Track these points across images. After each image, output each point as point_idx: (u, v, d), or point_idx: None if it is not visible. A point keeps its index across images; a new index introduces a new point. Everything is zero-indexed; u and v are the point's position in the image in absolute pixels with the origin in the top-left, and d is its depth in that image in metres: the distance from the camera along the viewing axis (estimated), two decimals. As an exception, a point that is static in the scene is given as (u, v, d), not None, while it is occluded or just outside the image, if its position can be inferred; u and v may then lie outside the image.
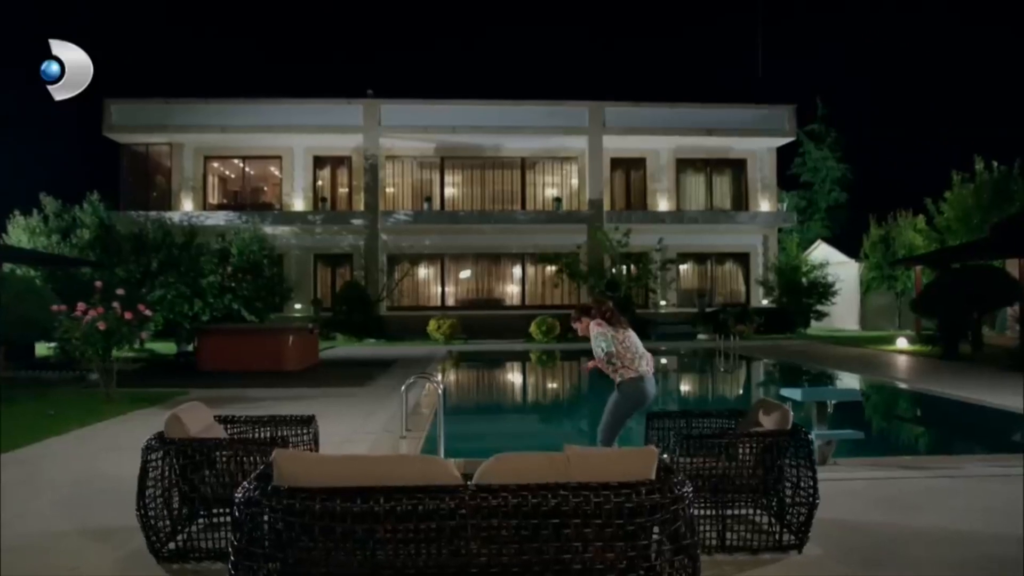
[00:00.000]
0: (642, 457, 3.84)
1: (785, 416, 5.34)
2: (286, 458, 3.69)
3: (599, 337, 6.72)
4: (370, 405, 12.57)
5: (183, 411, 5.28)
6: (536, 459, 3.85)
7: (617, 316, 6.82)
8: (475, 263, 33.13)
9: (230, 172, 34.27)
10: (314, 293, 31.86)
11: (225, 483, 4.84)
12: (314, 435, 5.99)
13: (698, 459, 5.11)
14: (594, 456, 3.85)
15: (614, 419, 6.64)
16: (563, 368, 24.20)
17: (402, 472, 3.70)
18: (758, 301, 33.19)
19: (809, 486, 5.09)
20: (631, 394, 6.56)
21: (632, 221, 31.47)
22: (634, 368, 6.56)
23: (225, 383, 15.13)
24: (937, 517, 6.02)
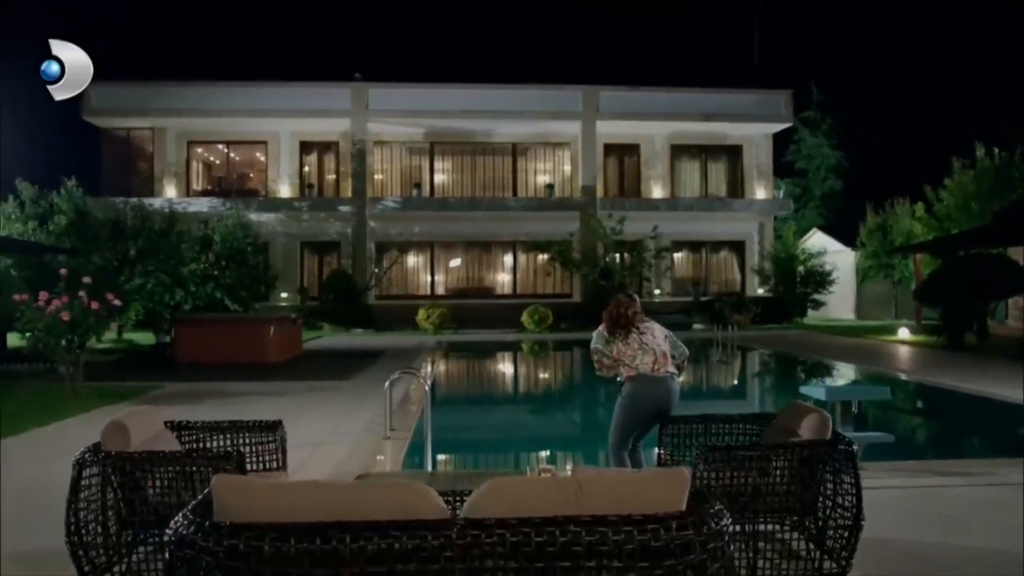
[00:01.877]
0: (670, 481, 3.13)
1: (824, 423, 4.65)
2: (228, 486, 2.97)
3: (596, 333, 6.31)
4: (354, 401, 11.85)
5: (127, 417, 4.56)
6: (539, 485, 3.14)
7: (622, 320, 6.16)
8: (465, 251, 32.38)
9: (214, 157, 33.41)
10: (300, 282, 31.07)
11: (172, 504, 4.11)
12: (281, 443, 5.27)
13: (724, 473, 4.41)
14: (611, 481, 3.14)
15: (616, 425, 6.04)
16: (556, 359, 23.52)
17: (374, 502, 2.99)
18: (753, 290, 32.55)
19: (852, 504, 4.40)
20: (628, 395, 5.99)
21: (626, 208, 30.71)
22: (632, 366, 5.99)
23: (203, 376, 14.38)
24: (986, 536, 5.35)
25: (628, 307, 6.23)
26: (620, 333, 6.08)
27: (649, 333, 6.14)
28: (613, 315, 6.19)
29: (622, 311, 6.18)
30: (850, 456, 4.46)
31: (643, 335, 6.10)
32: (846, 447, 4.47)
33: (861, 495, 4.43)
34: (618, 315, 6.17)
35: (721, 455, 4.38)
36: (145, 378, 14.07)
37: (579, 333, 26.68)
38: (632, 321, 6.13)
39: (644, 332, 6.13)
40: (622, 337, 6.08)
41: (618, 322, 6.16)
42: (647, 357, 5.99)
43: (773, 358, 20.61)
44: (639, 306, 6.31)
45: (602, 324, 6.27)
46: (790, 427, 4.88)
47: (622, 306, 6.21)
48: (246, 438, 5.21)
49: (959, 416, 12.32)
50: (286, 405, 11.48)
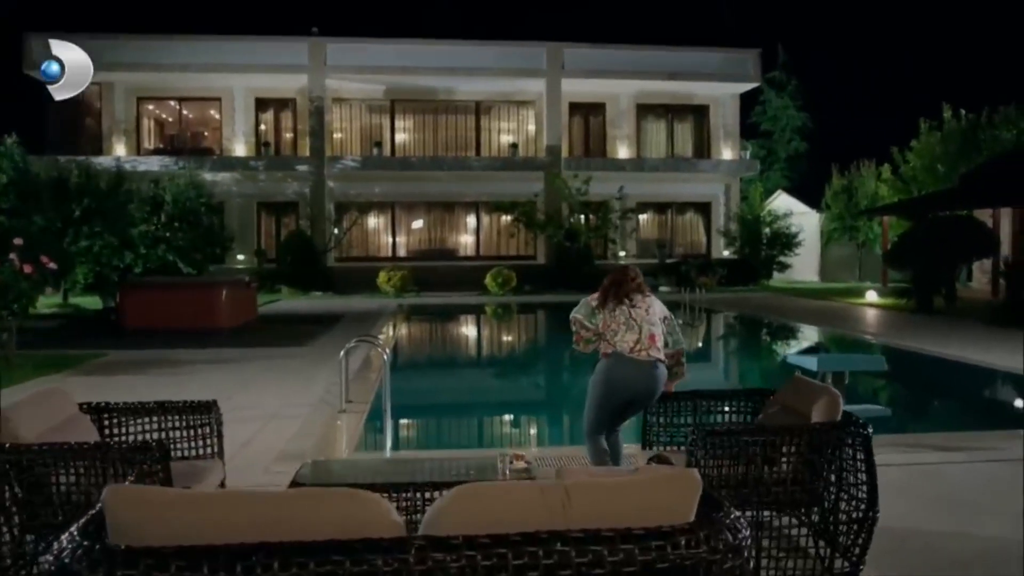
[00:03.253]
0: (677, 486, 2.57)
1: (834, 402, 4.12)
2: (124, 499, 2.36)
3: (581, 302, 5.50)
4: (309, 369, 11.21)
5: (32, 400, 3.91)
6: (518, 492, 2.57)
7: (620, 290, 5.29)
8: (427, 212, 31.63)
9: (166, 115, 32.19)
10: (257, 243, 30.15)
11: (80, 504, 3.49)
12: (216, 426, 4.65)
13: (724, 461, 3.87)
14: (605, 487, 2.57)
15: (588, 407, 5.29)
16: (521, 322, 23.01)
17: (311, 518, 2.40)
18: (719, 252, 32.23)
19: (866, 496, 3.89)
20: (599, 374, 5.20)
21: (591, 168, 30.10)
22: (612, 342, 5.13)
23: (149, 343, 13.61)
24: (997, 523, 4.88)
25: (634, 279, 5.36)
26: (610, 304, 5.24)
27: (643, 308, 5.24)
28: (612, 282, 5.35)
29: (623, 279, 5.32)
30: (865, 441, 3.94)
31: (634, 308, 5.20)
32: (860, 430, 3.95)
33: (876, 485, 3.93)
34: (617, 283, 5.32)
35: (721, 441, 3.84)
36: (88, 346, 13.27)
37: (544, 296, 26.22)
38: (627, 292, 5.27)
39: (636, 306, 5.23)
40: (610, 309, 5.23)
41: (614, 291, 5.30)
42: (629, 335, 5.09)
43: (746, 322, 20.24)
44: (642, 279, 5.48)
45: (594, 293, 5.45)
46: (793, 406, 4.36)
47: (626, 276, 5.37)
48: (176, 421, 4.58)
49: (946, 384, 11.90)
50: (236, 375, 10.83)
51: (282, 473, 5.79)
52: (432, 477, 4.16)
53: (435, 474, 4.22)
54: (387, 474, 4.21)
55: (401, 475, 4.20)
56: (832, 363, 6.55)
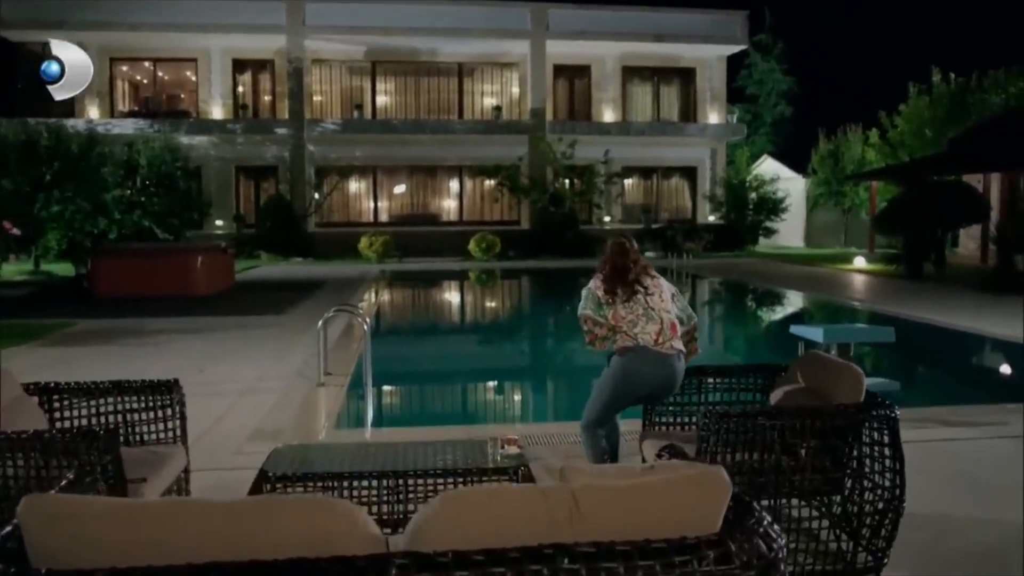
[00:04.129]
0: (702, 490, 2.21)
1: (856, 380, 3.76)
2: (44, 512, 1.97)
3: (584, 290, 4.75)
4: (287, 339, 10.80)
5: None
6: (516, 498, 2.20)
7: (626, 274, 4.60)
8: (410, 176, 31.08)
9: (141, 76, 31.32)
10: (236, 208, 29.53)
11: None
12: (179, 407, 4.24)
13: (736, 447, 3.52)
14: (618, 491, 2.20)
15: (597, 401, 4.63)
16: (507, 288, 22.65)
17: (273, 531, 2.02)
18: (704, 217, 31.88)
19: (892, 484, 3.56)
20: (620, 371, 4.50)
21: (576, 132, 29.60)
22: (631, 335, 4.46)
23: (122, 312, 13.14)
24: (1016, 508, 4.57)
25: (634, 257, 4.67)
26: (622, 293, 4.53)
27: (657, 294, 4.60)
28: (615, 267, 4.60)
29: (627, 262, 4.61)
30: (891, 423, 3.60)
31: (650, 296, 4.56)
32: (887, 412, 3.60)
33: (904, 472, 3.59)
34: (622, 267, 4.59)
35: (736, 425, 3.48)
36: (57, 315, 12.78)
37: (528, 261, 25.84)
38: (639, 277, 4.60)
39: (651, 292, 4.58)
40: (623, 299, 4.53)
41: (621, 277, 4.58)
42: (651, 326, 4.46)
43: (736, 289, 19.92)
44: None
45: (594, 279, 4.71)
46: (810, 384, 4.01)
47: (627, 255, 4.64)
48: (133, 402, 4.18)
49: (945, 354, 11.54)
50: (211, 345, 10.41)
51: (254, 455, 5.39)
52: (416, 464, 3.79)
53: (419, 461, 3.85)
54: (366, 460, 3.84)
55: (381, 461, 3.82)
56: (839, 335, 6.20)
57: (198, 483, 4.62)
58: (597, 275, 4.73)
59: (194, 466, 5.02)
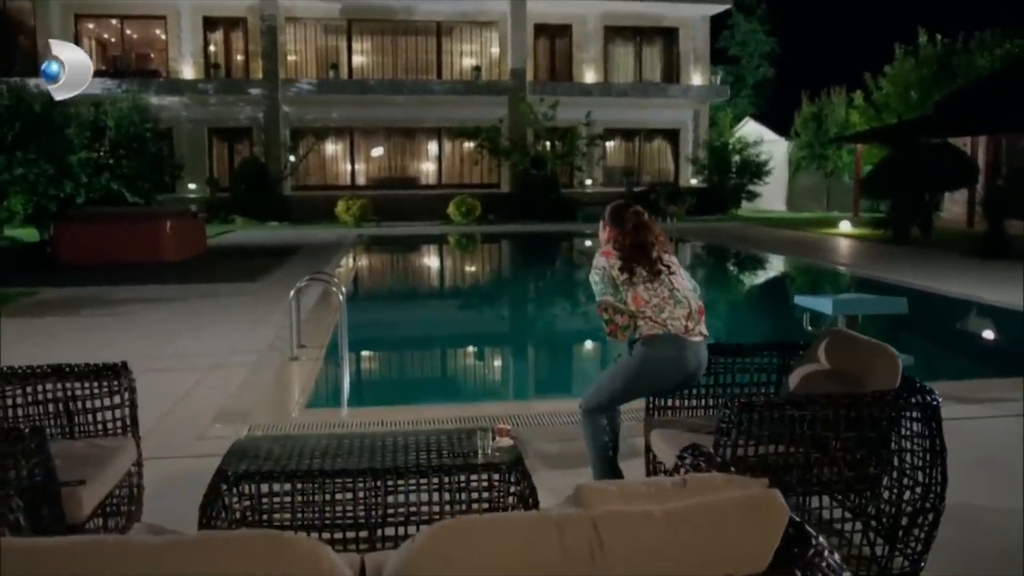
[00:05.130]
0: (751, 515, 1.79)
1: (890, 363, 3.35)
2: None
3: (597, 271, 4.05)
4: (261, 308, 10.30)
5: None
6: (525, 531, 1.76)
7: (645, 248, 4.00)
8: (387, 138, 30.36)
9: (107, 34, 30.29)
10: (209, 171, 28.74)
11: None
12: (128, 396, 3.77)
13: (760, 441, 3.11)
14: (650, 520, 1.77)
15: (609, 388, 4.06)
16: (488, 253, 22.19)
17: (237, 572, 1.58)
18: (687, 180, 31.42)
19: (931, 480, 3.16)
20: (645, 361, 3.92)
21: (557, 93, 28.91)
22: (659, 321, 3.88)
23: (87, 280, 12.58)
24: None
25: (656, 230, 4.06)
26: (642, 272, 3.94)
27: (679, 272, 4.06)
28: (636, 242, 3.98)
29: (648, 236, 4.00)
30: (932, 412, 3.20)
31: (673, 276, 4.00)
32: (928, 399, 3.20)
33: (945, 466, 3.20)
34: (643, 242, 3.98)
35: (761, 417, 3.06)
36: (18, 283, 12.18)
37: (509, 225, 25.35)
38: (660, 254, 4.02)
39: (674, 271, 4.03)
40: (645, 279, 3.93)
41: (642, 254, 3.96)
42: (679, 310, 3.89)
43: (724, 254, 19.49)
44: None
45: (604, 256, 4.04)
46: (835, 366, 3.60)
47: (648, 228, 4.04)
48: (77, 389, 3.70)
49: (947, 323, 11.14)
50: (179, 315, 9.91)
51: (218, 440, 4.96)
52: (396, 459, 3.35)
53: (399, 455, 3.41)
54: (339, 455, 3.39)
55: (357, 457, 3.38)
56: (848, 306, 5.79)
57: (153, 476, 4.17)
58: (608, 251, 4.06)
59: (152, 454, 4.60)
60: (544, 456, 4.84)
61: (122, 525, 3.66)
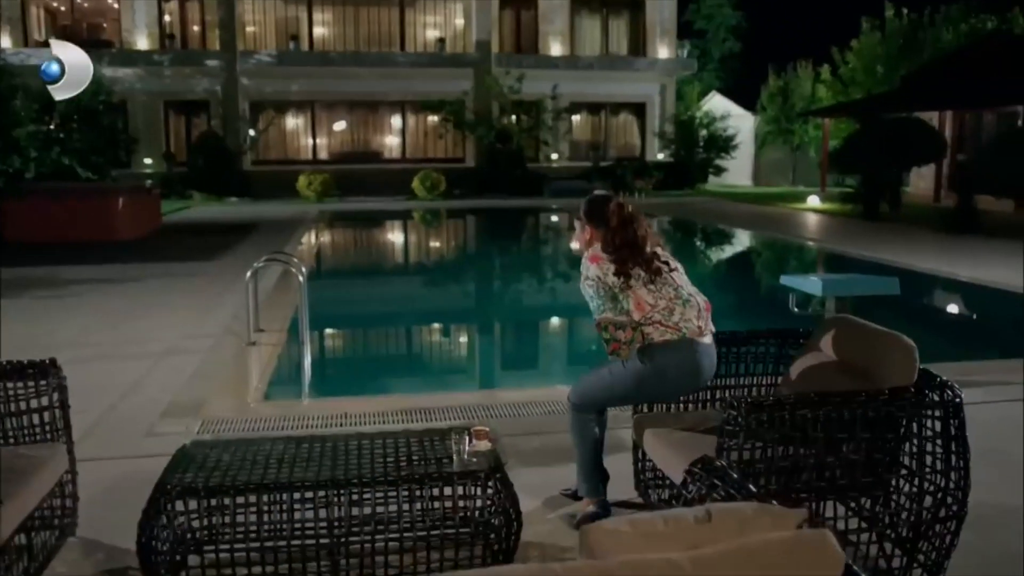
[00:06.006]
0: (800, 561, 1.46)
1: (907, 355, 3.03)
2: None
3: (589, 282, 3.58)
4: (216, 289, 9.82)
5: None
6: None
7: (638, 245, 3.53)
8: (350, 111, 29.71)
9: (57, 3, 29.29)
10: (166, 146, 27.95)
11: None
12: (56, 397, 3.35)
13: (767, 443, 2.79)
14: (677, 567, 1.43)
15: (607, 387, 3.61)
16: (454, 229, 21.78)
17: None
18: (653, 155, 31.15)
19: (952, 485, 2.87)
20: (654, 367, 3.45)
21: (523, 66, 28.43)
22: (671, 325, 3.44)
23: (34, 259, 12.01)
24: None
25: (639, 220, 3.60)
26: (640, 272, 3.48)
27: (678, 268, 3.64)
28: (625, 240, 3.51)
29: (639, 231, 3.55)
30: (953, 409, 2.90)
31: (674, 271, 3.57)
32: (949, 395, 2.90)
33: (968, 468, 2.91)
34: (633, 239, 3.52)
35: (771, 417, 2.74)
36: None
37: (474, 200, 24.94)
38: (655, 249, 3.59)
39: (674, 267, 3.60)
40: (644, 280, 3.48)
41: (635, 252, 3.51)
42: (690, 311, 3.47)
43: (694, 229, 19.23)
44: None
45: (590, 261, 3.58)
46: (843, 357, 3.28)
47: (637, 222, 3.58)
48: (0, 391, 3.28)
49: (928, 300, 10.98)
50: (129, 297, 9.42)
51: (168, 437, 4.57)
52: (361, 467, 3.00)
53: (364, 461, 3.05)
54: (296, 462, 3.03)
55: (316, 464, 3.02)
56: (838, 286, 5.50)
57: (94, 480, 3.79)
58: (597, 256, 3.56)
59: (93, 454, 4.22)
60: (519, 452, 4.49)
61: (52, 543, 3.27)
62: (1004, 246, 13.67)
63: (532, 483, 3.89)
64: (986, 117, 24.21)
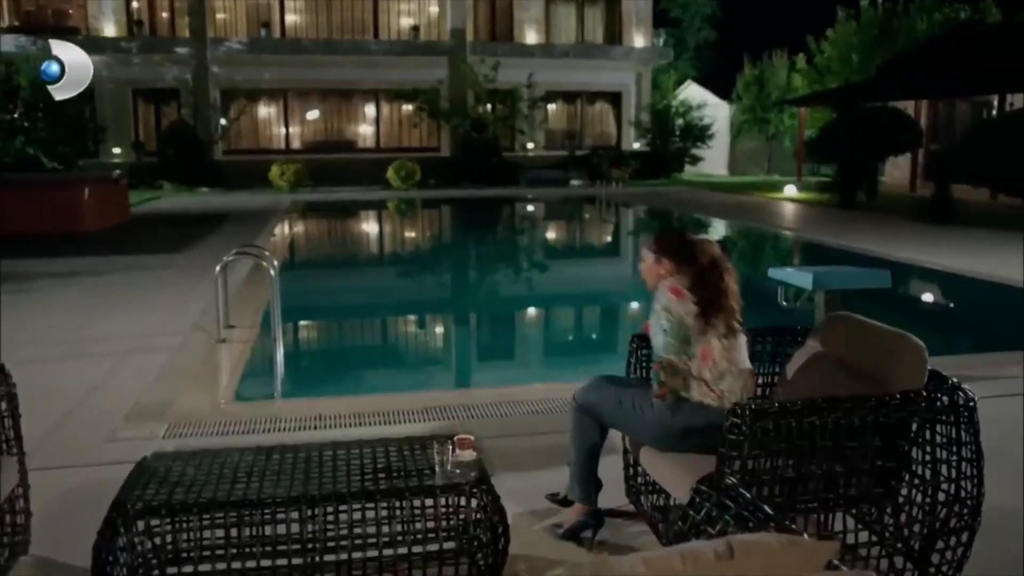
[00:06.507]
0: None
1: (916, 356, 2.86)
2: None
3: (666, 314, 3.19)
4: (186, 283, 9.52)
5: None
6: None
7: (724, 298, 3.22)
8: (323, 100, 29.27)
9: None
10: (135, 135, 27.43)
11: None
12: (5, 406, 3.11)
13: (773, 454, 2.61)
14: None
15: (616, 416, 3.29)
16: (430, 219, 21.51)
17: None
18: (629, 144, 31.01)
19: (965, 495, 2.71)
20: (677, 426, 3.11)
21: (498, 54, 28.13)
22: (716, 391, 3.13)
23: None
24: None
25: (731, 270, 3.31)
26: (719, 324, 3.17)
27: (741, 331, 3.31)
28: (712, 282, 3.22)
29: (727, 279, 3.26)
30: (967, 413, 2.73)
31: (738, 335, 3.26)
32: (963, 398, 2.73)
33: (982, 475, 2.74)
34: (724, 289, 3.23)
35: (777, 425, 2.56)
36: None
37: (450, 190, 24.70)
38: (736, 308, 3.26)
39: (739, 330, 3.27)
40: (720, 332, 3.17)
41: (721, 299, 3.20)
42: (736, 383, 3.16)
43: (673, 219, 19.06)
44: None
45: (671, 293, 3.20)
46: (845, 357, 3.10)
47: (722, 265, 3.29)
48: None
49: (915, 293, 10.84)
50: (94, 292, 9.10)
51: (131, 443, 4.35)
52: (336, 481, 2.78)
53: (340, 474, 2.84)
54: (265, 476, 2.81)
55: (288, 478, 2.80)
56: (830, 280, 5.31)
57: (50, 491, 3.56)
58: (679, 290, 3.20)
59: (50, 463, 3.99)
60: (502, 454, 4.29)
61: (2, 563, 3.03)
62: (982, 235, 13.66)
63: (516, 488, 3.69)
64: (960, 106, 24.31)
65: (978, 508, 2.76)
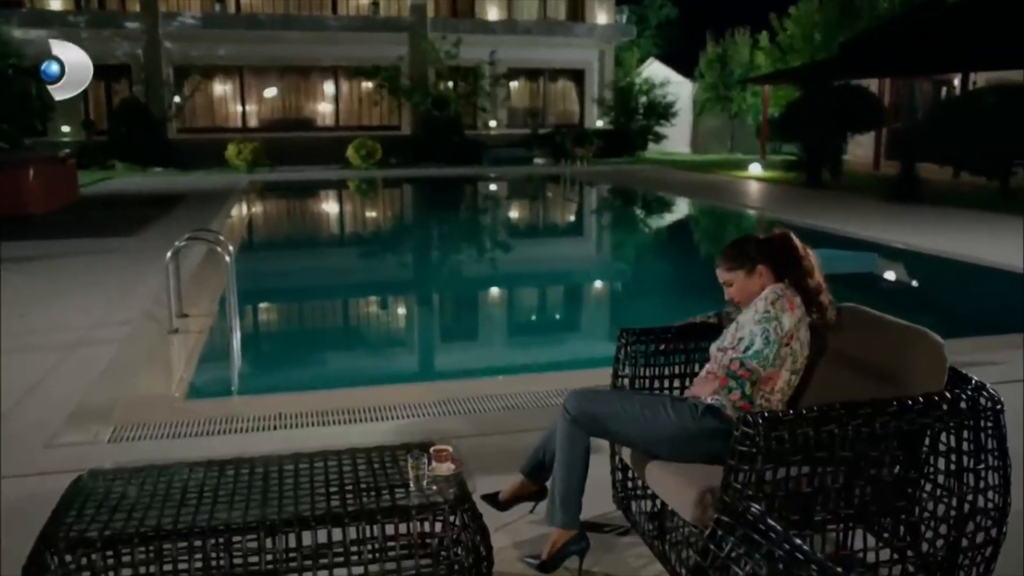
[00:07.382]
0: None
1: (935, 354, 2.61)
2: None
3: (767, 325, 2.85)
4: (136, 269, 9.07)
5: None
6: None
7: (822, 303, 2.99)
8: (280, 77, 28.56)
9: (-38, -42, 27.48)
10: (84, 113, 26.56)
11: None
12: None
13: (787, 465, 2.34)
14: None
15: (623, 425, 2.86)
16: (388, 198, 21.07)
17: None
18: (592, 122, 30.75)
19: (990, 505, 2.47)
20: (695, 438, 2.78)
21: (460, 31, 27.66)
22: (771, 400, 2.88)
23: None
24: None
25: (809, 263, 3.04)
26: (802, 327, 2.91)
27: None
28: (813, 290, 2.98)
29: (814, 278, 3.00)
30: (993, 417, 2.49)
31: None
32: (988, 400, 2.48)
33: (1008, 485, 2.51)
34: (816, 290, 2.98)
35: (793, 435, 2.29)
36: None
37: (411, 169, 24.27)
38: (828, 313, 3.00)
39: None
40: (805, 339, 2.92)
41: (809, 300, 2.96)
42: (759, 398, 2.88)
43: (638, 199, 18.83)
44: None
45: (788, 304, 2.88)
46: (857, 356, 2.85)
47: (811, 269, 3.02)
48: None
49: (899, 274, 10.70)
50: (37, 279, 8.63)
51: (70, 448, 4.00)
52: (299, 503, 2.46)
53: (301, 492, 2.52)
54: (219, 495, 2.49)
55: (241, 497, 2.49)
56: (817, 265, 5.06)
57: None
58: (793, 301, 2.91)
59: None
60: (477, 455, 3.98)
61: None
62: (950, 214, 13.61)
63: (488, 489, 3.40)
64: (922, 85, 24.33)
65: (1003, 520, 2.52)
